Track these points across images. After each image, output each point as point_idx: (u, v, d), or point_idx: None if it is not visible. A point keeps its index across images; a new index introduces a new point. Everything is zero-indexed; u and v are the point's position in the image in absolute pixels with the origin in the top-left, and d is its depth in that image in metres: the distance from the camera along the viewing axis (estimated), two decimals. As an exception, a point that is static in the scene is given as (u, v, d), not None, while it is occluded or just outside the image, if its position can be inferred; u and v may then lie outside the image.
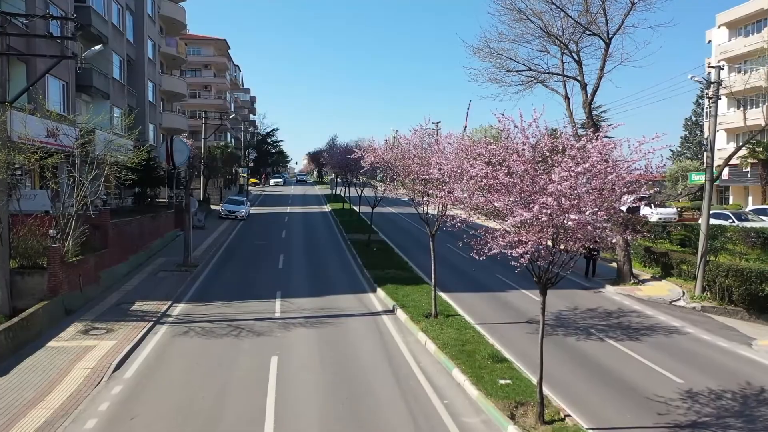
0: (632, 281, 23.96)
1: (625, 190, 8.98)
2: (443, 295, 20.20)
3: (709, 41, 55.58)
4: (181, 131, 52.92)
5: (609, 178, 8.69)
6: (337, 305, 19.67)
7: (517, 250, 8.88)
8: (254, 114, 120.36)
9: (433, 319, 17.05)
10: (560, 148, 9.45)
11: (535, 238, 8.73)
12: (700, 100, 68.18)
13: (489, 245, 9.45)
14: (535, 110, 9.62)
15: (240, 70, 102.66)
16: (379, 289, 21.37)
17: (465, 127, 24.01)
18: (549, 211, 8.44)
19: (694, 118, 69.64)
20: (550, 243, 9.41)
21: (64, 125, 22.02)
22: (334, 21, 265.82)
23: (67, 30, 24.11)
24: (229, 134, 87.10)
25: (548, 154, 9.37)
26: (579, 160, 8.80)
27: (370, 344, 15.53)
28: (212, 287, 22.38)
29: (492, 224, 10.13)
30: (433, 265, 17.62)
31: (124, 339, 15.49)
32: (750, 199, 49.26)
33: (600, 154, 8.88)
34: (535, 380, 12.51)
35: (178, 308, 19.12)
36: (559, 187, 8.48)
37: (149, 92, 41.13)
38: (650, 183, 9.73)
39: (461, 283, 23.17)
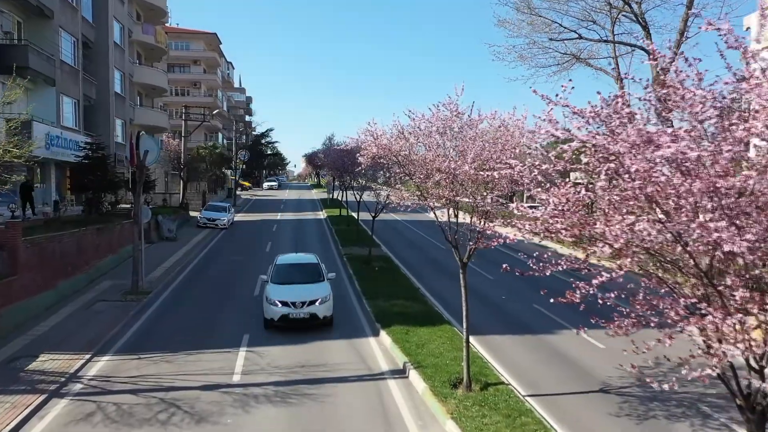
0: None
1: None
2: (472, 342, 14.51)
3: (748, 28, 49.99)
4: (161, 129, 47.24)
5: None
6: (324, 359, 13.96)
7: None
8: (250, 115, 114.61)
9: (466, 391, 11.31)
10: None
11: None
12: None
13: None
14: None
15: (233, 68, 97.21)
16: (382, 332, 15.64)
17: None
18: None
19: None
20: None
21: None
22: (333, 18, 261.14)
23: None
24: (221, 135, 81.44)
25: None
26: None
27: (371, 442, 9.83)
28: (159, 327, 16.72)
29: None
30: (464, 311, 11.87)
31: (-16, 432, 9.85)
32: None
33: None
34: None
35: (99, 365, 13.44)
36: None
37: (116, 82, 35.48)
38: None
39: (492, 320, 17.49)
